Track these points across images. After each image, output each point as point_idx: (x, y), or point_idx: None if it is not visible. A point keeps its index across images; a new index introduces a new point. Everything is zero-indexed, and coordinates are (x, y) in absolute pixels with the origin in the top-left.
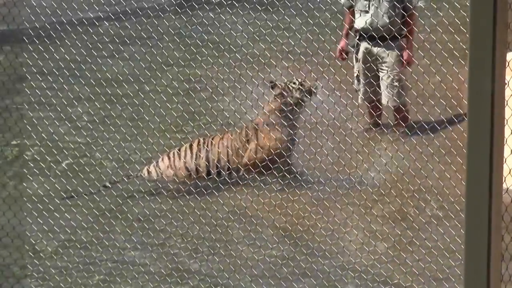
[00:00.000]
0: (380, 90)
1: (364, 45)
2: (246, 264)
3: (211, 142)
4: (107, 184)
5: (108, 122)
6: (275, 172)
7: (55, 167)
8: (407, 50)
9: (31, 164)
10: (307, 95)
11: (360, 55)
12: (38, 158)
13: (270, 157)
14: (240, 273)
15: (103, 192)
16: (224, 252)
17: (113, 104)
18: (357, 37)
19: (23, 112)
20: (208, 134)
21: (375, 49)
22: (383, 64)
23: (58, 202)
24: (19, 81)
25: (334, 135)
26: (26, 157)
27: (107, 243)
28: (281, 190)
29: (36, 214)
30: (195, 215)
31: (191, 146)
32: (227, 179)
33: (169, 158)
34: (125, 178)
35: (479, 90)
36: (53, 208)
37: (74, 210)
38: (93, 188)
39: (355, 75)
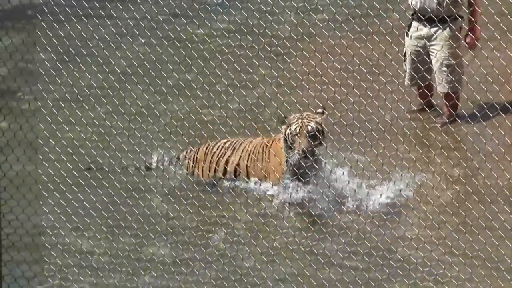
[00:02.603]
0: (431, 74)
1: (415, 23)
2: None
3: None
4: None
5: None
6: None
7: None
8: (470, 34)
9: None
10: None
11: (411, 32)
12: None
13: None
14: None
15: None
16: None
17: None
18: (412, 15)
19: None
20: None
21: (425, 30)
22: (432, 47)
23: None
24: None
25: (379, 123)
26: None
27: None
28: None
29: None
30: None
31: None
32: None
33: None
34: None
35: None
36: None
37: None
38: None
39: (404, 52)
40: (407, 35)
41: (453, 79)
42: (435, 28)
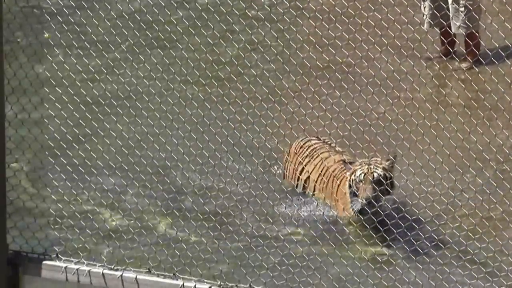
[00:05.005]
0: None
1: None
2: None
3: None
4: None
5: None
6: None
7: None
8: None
9: None
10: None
11: None
12: None
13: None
14: None
15: None
16: None
17: None
18: None
19: None
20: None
21: None
22: None
23: None
24: None
25: (394, 72)
26: None
27: None
28: None
29: None
30: None
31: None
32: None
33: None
34: None
35: None
36: None
37: None
38: None
39: None
40: None
41: (469, 19)
42: None
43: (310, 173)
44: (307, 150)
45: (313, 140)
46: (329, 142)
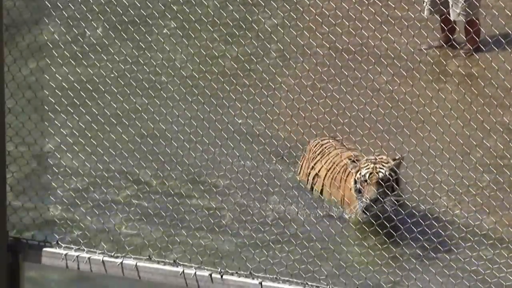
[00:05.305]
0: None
1: None
2: None
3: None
4: None
5: None
6: None
7: None
8: None
9: None
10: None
11: None
12: None
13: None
14: None
15: None
16: None
17: None
18: None
19: None
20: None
21: None
22: None
23: None
24: None
25: (394, 59)
26: None
27: None
28: None
29: None
30: None
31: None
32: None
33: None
34: None
35: None
36: None
37: None
38: None
39: None
40: None
41: (469, 6)
42: None
43: (318, 171)
44: (317, 150)
45: (324, 140)
46: (339, 140)
